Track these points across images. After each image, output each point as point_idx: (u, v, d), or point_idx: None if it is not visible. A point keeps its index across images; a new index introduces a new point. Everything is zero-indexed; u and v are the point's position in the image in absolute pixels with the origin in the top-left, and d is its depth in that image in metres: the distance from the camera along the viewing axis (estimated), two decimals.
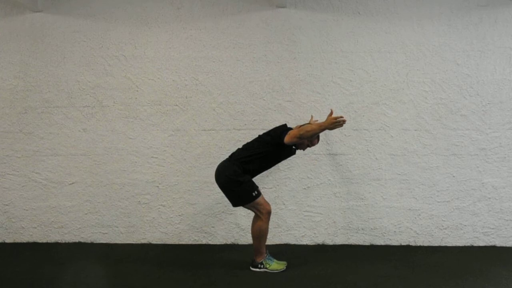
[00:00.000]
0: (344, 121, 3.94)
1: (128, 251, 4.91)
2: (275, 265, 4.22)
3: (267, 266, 4.20)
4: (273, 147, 4.17)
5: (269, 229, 4.40)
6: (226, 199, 5.10)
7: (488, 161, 5.03)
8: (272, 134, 4.24)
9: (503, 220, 5.03)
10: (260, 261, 4.22)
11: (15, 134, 5.28)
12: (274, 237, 5.09)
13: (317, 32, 5.14)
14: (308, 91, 5.11)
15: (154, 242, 5.20)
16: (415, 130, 5.07)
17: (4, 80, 5.30)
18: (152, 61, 5.22)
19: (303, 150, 4.43)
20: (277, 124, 4.87)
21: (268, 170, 4.49)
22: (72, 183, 5.25)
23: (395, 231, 5.08)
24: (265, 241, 4.24)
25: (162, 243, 5.18)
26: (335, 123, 3.95)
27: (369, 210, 5.09)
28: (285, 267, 4.23)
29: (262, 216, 4.16)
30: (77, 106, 5.25)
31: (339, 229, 5.11)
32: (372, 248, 4.96)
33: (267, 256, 4.25)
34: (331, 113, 4.10)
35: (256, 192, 4.13)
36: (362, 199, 5.09)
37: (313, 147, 4.65)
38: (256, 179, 4.53)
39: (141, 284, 3.88)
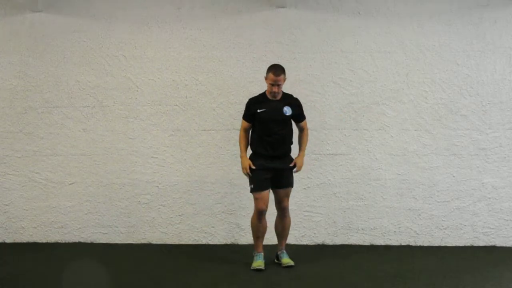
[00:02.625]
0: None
1: (128, 251, 4.91)
2: (254, 263, 4.22)
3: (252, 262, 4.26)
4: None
5: (269, 229, 4.39)
6: (226, 199, 5.14)
7: (488, 161, 5.03)
8: None
9: (503, 220, 5.03)
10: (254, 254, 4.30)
11: (15, 134, 5.27)
12: (274, 237, 5.07)
13: (317, 32, 5.13)
14: (308, 91, 5.11)
15: (154, 242, 5.19)
16: (415, 130, 5.07)
17: (4, 80, 5.30)
18: (152, 61, 5.22)
19: (273, 96, 4.26)
20: None
21: None
22: (72, 183, 5.25)
23: (395, 231, 5.07)
24: (255, 236, 4.28)
25: (162, 243, 5.17)
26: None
27: (369, 210, 5.09)
28: (257, 267, 4.18)
29: (254, 211, 4.25)
30: (77, 106, 5.25)
31: (339, 229, 5.11)
32: (372, 248, 4.96)
33: (257, 254, 4.26)
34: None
35: (252, 186, 4.21)
36: (362, 199, 5.09)
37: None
38: None
39: (141, 284, 3.88)
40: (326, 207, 5.10)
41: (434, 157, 5.05)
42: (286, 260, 4.26)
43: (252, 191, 4.21)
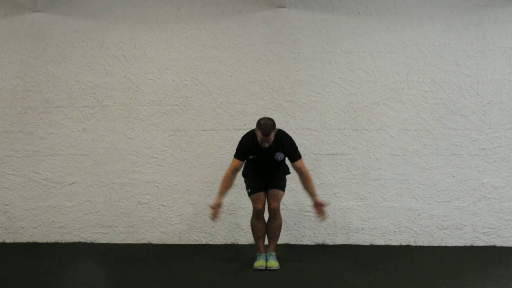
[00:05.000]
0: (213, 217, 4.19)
1: (128, 251, 4.91)
2: (256, 263, 4.27)
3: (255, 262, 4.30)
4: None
5: None
6: (226, 199, 5.09)
7: (488, 161, 5.03)
8: None
9: (503, 220, 5.03)
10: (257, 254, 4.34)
11: (15, 134, 5.28)
12: None
13: (317, 32, 5.14)
14: (308, 91, 5.11)
15: (154, 242, 5.20)
16: (415, 130, 5.07)
17: (4, 80, 5.30)
18: (152, 61, 5.22)
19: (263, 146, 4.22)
20: (277, 124, 4.85)
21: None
22: (72, 183, 5.25)
23: (395, 231, 5.07)
24: (256, 237, 4.35)
25: (162, 243, 5.18)
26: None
27: (369, 210, 5.09)
28: (259, 267, 4.22)
29: (252, 212, 4.36)
30: (77, 106, 5.25)
31: (339, 229, 5.11)
32: (372, 248, 4.96)
33: (259, 254, 4.31)
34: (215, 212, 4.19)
35: (249, 190, 4.36)
36: (362, 199, 5.09)
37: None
38: None
39: (141, 284, 3.88)
40: (326, 207, 5.09)
41: (434, 157, 5.06)
42: (270, 262, 4.24)
43: (249, 194, 4.37)
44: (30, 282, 3.91)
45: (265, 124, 4.09)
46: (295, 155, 4.29)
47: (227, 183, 4.24)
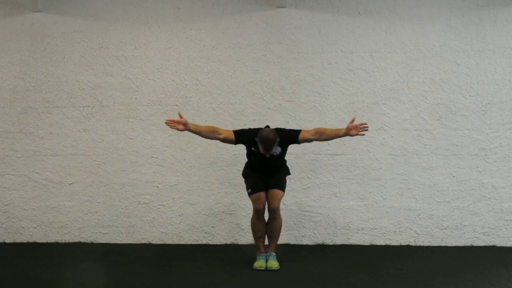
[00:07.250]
0: None
1: (128, 251, 4.91)
2: (256, 263, 4.26)
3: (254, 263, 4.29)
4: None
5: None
6: (226, 199, 5.14)
7: (488, 161, 5.03)
8: None
9: (503, 220, 5.03)
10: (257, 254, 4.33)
11: (15, 134, 5.28)
12: None
13: (317, 32, 5.14)
14: (308, 91, 5.12)
15: (154, 242, 5.20)
16: (415, 130, 5.07)
17: (4, 80, 5.30)
18: (152, 61, 5.22)
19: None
20: (277, 124, 4.86)
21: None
22: (72, 183, 5.25)
23: (395, 231, 5.07)
24: (256, 236, 4.34)
25: (162, 243, 5.18)
26: None
27: (369, 210, 5.09)
28: (259, 267, 4.22)
29: (253, 212, 4.33)
30: (77, 106, 5.25)
31: (339, 229, 5.11)
32: (372, 248, 4.96)
33: (259, 254, 4.30)
34: None
35: (249, 190, 4.32)
36: (362, 199, 5.09)
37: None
38: None
39: (141, 284, 3.88)
40: (326, 207, 5.10)
41: (434, 157, 5.06)
42: (271, 263, 4.23)
43: (249, 194, 4.34)
44: (30, 282, 3.91)
45: (267, 139, 4.02)
46: (295, 136, 4.21)
47: (206, 130, 4.23)
